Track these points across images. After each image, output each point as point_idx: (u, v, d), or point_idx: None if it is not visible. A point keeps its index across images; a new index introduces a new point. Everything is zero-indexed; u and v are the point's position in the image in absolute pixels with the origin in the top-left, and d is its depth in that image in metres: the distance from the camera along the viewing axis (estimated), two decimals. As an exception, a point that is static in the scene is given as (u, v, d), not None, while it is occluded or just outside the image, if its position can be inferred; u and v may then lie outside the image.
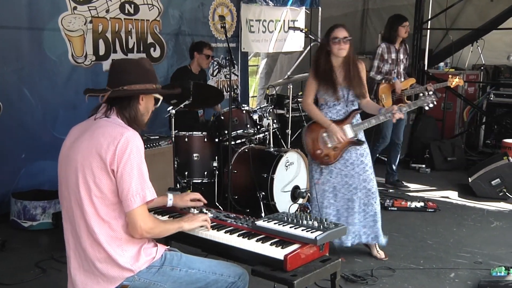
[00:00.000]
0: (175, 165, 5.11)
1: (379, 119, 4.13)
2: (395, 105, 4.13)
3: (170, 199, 2.88)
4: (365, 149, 4.22)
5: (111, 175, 2.29)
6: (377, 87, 6.27)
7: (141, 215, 2.32)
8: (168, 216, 2.88)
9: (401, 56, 6.31)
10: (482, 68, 8.80)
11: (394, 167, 6.65)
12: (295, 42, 8.25)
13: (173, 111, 5.05)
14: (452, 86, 6.32)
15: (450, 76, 6.24)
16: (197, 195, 2.96)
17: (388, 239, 4.40)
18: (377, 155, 6.63)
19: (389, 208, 5.62)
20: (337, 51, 4.07)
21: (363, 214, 4.24)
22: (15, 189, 5.15)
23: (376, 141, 6.53)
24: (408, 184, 6.66)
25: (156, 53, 6.55)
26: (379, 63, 6.22)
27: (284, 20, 8.01)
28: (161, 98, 2.57)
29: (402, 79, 6.34)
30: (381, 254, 4.41)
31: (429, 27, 8.66)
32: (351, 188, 4.19)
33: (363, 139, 4.24)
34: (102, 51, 5.89)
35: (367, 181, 4.19)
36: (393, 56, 6.25)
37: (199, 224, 2.64)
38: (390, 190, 6.48)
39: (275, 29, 7.92)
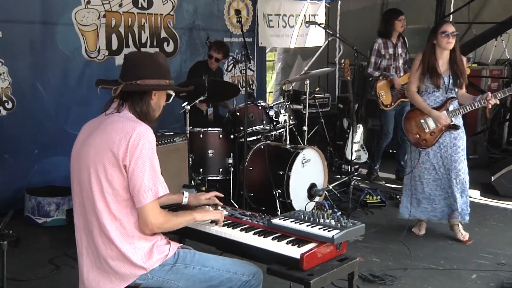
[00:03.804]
0: (190, 162, 5.13)
1: (473, 105, 4.54)
2: (489, 92, 4.55)
3: (186, 197, 2.89)
4: (459, 133, 4.65)
5: (123, 170, 2.30)
6: (375, 84, 6.28)
7: (152, 210, 2.33)
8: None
9: (399, 51, 6.36)
10: (506, 63, 8.69)
11: (403, 163, 6.65)
12: (317, 37, 8.23)
13: (188, 107, 5.06)
14: None
15: None
16: (212, 194, 2.96)
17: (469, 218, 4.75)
18: (382, 150, 6.69)
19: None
20: (446, 44, 4.53)
21: (453, 192, 4.65)
22: (28, 185, 5.21)
23: (379, 138, 6.54)
24: None
25: (169, 48, 6.58)
26: (376, 58, 6.26)
27: (304, 15, 7.98)
28: (173, 94, 2.57)
29: (402, 74, 6.37)
30: (464, 237, 4.77)
31: (451, 20, 8.57)
32: (445, 169, 4.67)
33: (460, 124, 4.66)
34: (115, 45, 5.93)
35: (457, 162, 4.62)
36: (391, 51, 6.30)
37: (211, 216, 2.66)
38: None
39: (296, 23, 7.90)
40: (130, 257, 2.34)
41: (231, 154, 5.39)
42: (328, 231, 2.49)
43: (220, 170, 5.39)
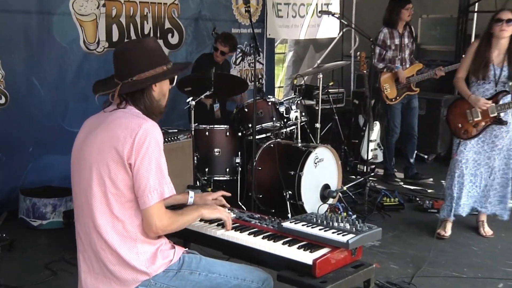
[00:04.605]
0: (195, 161, 5.14)
1: None
2: None
3: (191, 197, 2.90)
4: (502, 132, 4.76)
5: (128, 169, 2.31)
6: (379, 77, 6.29)
7: (157, 212, 2.34)
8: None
9: (406, 41, 6.39)
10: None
11: (411, 160, 6.74)
12: (330, 28, 8.19)
13: (193, 103, 5.08)
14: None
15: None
16: (219, 194, 2.97)
17: (509, 215, 4.94)
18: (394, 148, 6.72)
19: (429, 210, 5.58)
20: (499, 32, 4.63)
21: (481, 188, 4.86)
22: (23, 185, 5.25)
23: (386, 134, 6.56)
24: (430, 179, 6.63)
25: (174, 40, 6.60)
26: (381, 50, 6.28)
27: (316, 4, 7.96)
28: (175, 76, 2.57)
29: (408, 66, 6.39)
30: (486, 232, 4.98)
31: (476, 9, 8.51)
32: (475, 164, 4.83)
33: (508, 120, 4.74)
34: (115, 37, 5.95)
35: (490, 159, 4.80)
36: (397, 41, 6.33)
37: (219, 215, 2.67)
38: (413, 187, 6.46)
39: (307, 13, 7.88)
40: (131, 261, 2.35)
41: (239, 153, 5.40)
42: (343, 235, 2.49)
43: (227, 169, 5.41)
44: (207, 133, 5.36)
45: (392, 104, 6.40)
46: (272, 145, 5.31)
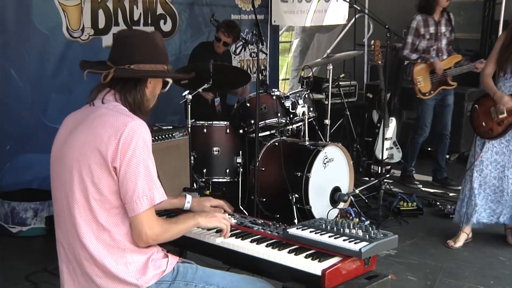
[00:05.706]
0: (192, 161, 5.16)
1: None
2: None
3: (188, 202, 2.90)
4: None
5: (113, 173, 2.30)
6: (412, 68, 6.27)
7: (147, 220, 2.34)
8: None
9: (443, 29, 6.33)
10: None
11: (442, 163, 6.74)
12: (338, 14, 8.19)
13: (190, 97, 5.08)
14: None
15: None
16: (220, 202, 2.98)
17: None
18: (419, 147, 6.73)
19: (450, 216, 5.57)
20: None
21: (508, 193, 4.82)
22: (0, 188, 5.25)
23: (414, 132, 6.55)
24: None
25: (166, 27, 6.61)
26: (414, 39, 6.25)
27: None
28: (170, 81, 2.58)
29: (445, 57, 6.35)
30: None
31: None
32: (498, 166, 4.85)
33: None
34: (101, 23, 5.97)
35: None
36: (432, 29, 6.27)
37: (217, 223, 2.67)
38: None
39: (314, -3, 7.90)
40: (119, 274, 2.35)
41: (240, 152, 5.42)
42: (355, 243, 2.50)
43: (227, 170, 5.42)
44: (205, 130, 5.37)
45: (424, 98, 6.36)
46: (276, 144, 5.32)
